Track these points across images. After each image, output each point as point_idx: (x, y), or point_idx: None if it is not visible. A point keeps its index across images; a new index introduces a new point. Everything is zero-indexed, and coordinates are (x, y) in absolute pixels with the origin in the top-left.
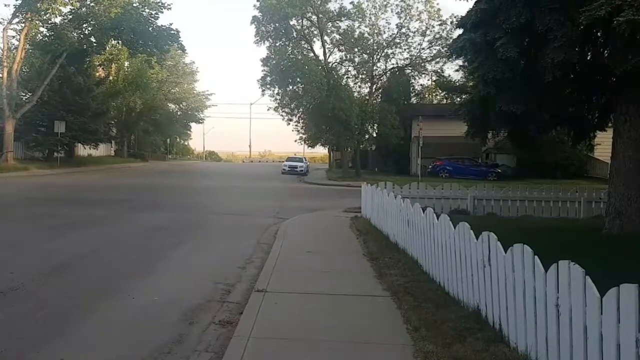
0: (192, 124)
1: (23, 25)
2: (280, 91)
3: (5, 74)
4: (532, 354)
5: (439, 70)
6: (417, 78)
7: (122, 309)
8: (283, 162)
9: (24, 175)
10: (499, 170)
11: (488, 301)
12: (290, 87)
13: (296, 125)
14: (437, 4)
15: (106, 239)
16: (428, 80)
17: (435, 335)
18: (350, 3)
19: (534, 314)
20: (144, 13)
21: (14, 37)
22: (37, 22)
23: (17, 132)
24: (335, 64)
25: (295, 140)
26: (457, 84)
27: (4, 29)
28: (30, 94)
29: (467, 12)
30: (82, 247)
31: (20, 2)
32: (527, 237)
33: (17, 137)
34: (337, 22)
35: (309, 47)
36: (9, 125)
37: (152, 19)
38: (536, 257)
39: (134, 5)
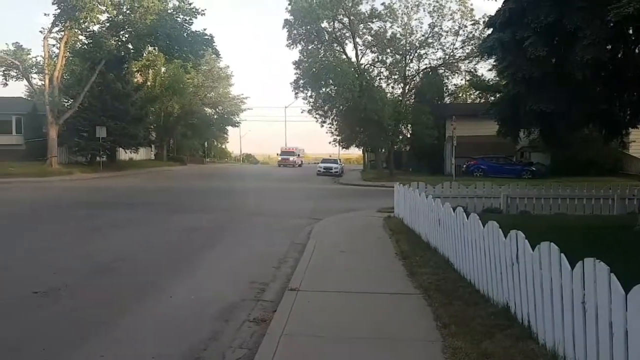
0: (229, 128)
1: (63, 33)
2: (313, 94)
3: (47, 82)
4: (560, 350)
5: (472, 70)
6: (450, 78)
7: (160, 308)
8: (318, 163)
9: (68, 179)
10: (534, 169)
11: (517, 298)
12: (323, 89)
13: (330, 127)
14: (471, 4)
15: (145, 240)
16: (461, 79)
17: (464, 331)
18: (382, 4)
19: (561, 311)
20: (178, 19)
21: (54, 45)
22: (76, 30)
23: (60, 138)
24: (368, 65)
25: (330, 142)
26: (491, 83)
27: (44, 37)
28: (71, 100)
29: (496, 11)
30: (121, 248)
31: (59, 11)
32: (558, 235)
33: (61, 143)
34: (369, 23)
35: (341, 49)
36: (53, 131)
37: (187, 25)
38: (562, 254)
39: (169, 11)
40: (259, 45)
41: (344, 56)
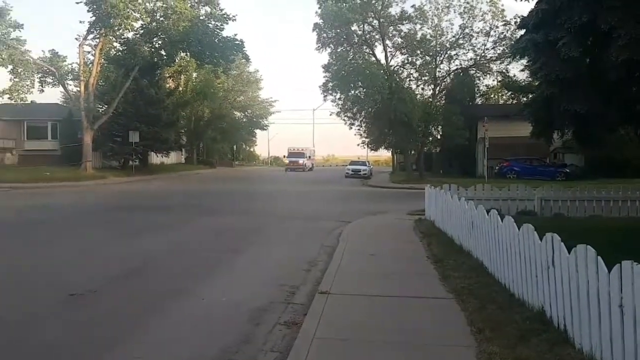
0: (257, 131)
1: (98, 41)
2: (342, 96)
3: (82, 88)
4: (597, 354)
5: (504, 71)
6: (481, 79)
7: (192, 310)
8: (346, 165)
9: (102, 183)
10: (568, 170)
11: (552, 302)
12: (352, 91)
13: (359, 129)
14: (502, 4)
15: (176, 243)
16: (493, 80)
17: (499, 336)
18: (412, 6)
19: (598, 315)
20: (210, 25)
21: (89, 52)
22: (110, 37)
23: (95, 143)
24: (397, 67)
25: (358, 144)
26: (523, 83)
27: (79, 45)
28: (106, 106)
29: (529, 12)
30: (153, 251)
31: (94, 18)
32: (594, 238)
33: (95, 147)
34: (399, 25)
35: (371, 52)
36: (87, 136)
37: (218, 31)
38: (599, 257)
39: (201, 18)
40: (288, 47)
41: (373, 58)
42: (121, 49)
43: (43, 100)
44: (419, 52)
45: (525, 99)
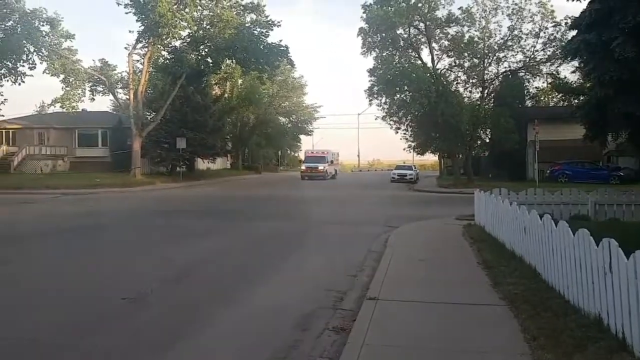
0: (302, 136)
1: (146, 50)
2: (387, 100)
3: (131, 96)
4: None
5: (554, 72)
6: (531, 81)
7: (240, 315)
8: (392, 170)
9: (150, 189)
10: (622, 174)
11: (610, 309)
12: (398, 95)
13: (404, 134)
14: (551, 5)
15: (222, 248)
16: (543, 82)
17: (554, 344)
18: (459, 9)
19: None
20: (255, 32)
21: (138, 61)
22: (158, 46)
23: (143, 149)
24: (444, 70)
25: (404, 149)
26: (575, 85)
27: (129, 54)
28: (154, 113)
29: (581, 13)
30: (200, 256)
31: (142, 28)
32: None
33: (144, 154)
34: (446, 28)
35: (417, 55)
36: (137, 143)
37: (263, 37)
38: None
39: (246, 25)
40: (333, 53)
41: (420, 61)
42: (169, 57)
43: (94, 109)
44: (466, 54)
45: (577, 101)
